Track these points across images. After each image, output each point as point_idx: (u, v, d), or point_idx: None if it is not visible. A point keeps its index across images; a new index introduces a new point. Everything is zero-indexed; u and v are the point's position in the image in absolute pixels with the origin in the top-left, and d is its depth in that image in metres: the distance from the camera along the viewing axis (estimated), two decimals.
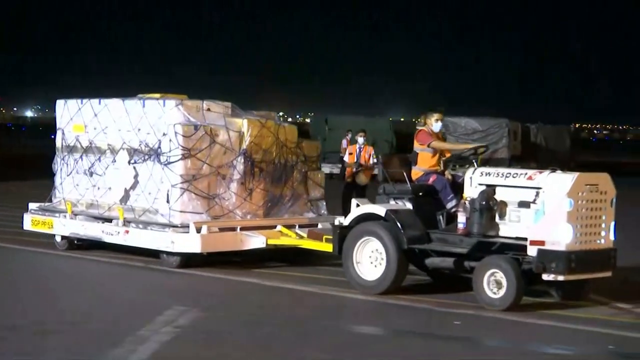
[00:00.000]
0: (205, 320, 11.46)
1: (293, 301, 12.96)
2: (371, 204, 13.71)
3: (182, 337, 10.42)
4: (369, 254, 13.46)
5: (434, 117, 14.02)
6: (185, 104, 15.37)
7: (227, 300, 12.92)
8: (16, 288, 13.49)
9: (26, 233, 17.36)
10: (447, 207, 13.37)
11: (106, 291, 13.37)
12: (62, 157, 17.09)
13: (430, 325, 11.67)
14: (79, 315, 11.54)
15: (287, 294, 13.42)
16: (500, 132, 41.48)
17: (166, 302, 12.20)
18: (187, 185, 14.99)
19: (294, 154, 16.07)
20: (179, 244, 14.67)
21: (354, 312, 12.64)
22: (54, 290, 13.44)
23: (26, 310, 11.76)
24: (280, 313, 12.14)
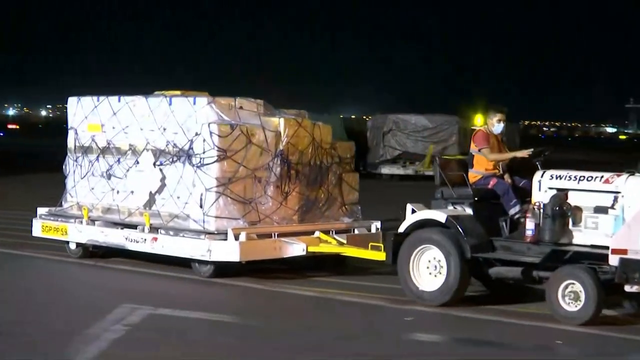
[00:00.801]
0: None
1: (364, 315, 12.08)
2: (429, 210, 12.82)
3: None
4: (426, 263, 12.59)
5: (495, 118, 13.18)
6: (218, 101, 14.37)
7: (278, 313, 11.96)
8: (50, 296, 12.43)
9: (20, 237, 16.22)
10: (510, 213, 12.54)
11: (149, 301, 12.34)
12: (74, 158, 16.00)
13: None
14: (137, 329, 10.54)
15: (343, 306, 12.53)
16: (450, 130, 41.48)
17: (223, 315, 11.29)
18: (223, 189, 13.98)
19: (329, 155, 15.13)
20: (217, 252, 13.67)
21: (412, 323, 11.72)
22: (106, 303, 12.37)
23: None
24: (342, 327, 11.31)
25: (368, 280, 14.17)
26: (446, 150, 40.51)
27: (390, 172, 40.10)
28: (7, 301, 12.31)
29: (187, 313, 11.65)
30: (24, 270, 14.86)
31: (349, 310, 12.28)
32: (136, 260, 15.16)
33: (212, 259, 13.70)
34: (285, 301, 12.81)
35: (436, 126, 41.61)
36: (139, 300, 12.16)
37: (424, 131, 41.34)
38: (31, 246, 16.46)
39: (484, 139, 13.04)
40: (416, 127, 41.39)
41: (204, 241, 13.75)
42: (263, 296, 13.08)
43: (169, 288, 13.67)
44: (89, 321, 10.84)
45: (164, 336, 10.45)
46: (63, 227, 15.62)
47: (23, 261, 15.59)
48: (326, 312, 12.21)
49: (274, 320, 11.59)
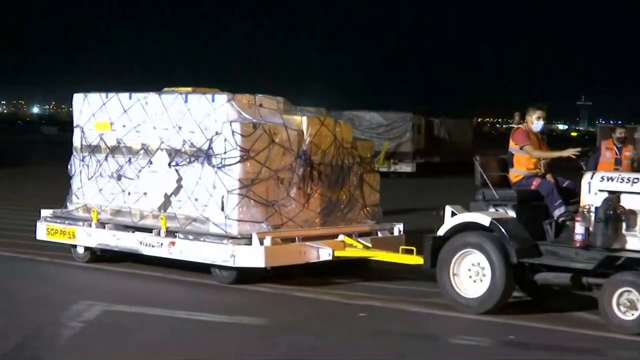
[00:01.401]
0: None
1: (404, 324, 11.46)
2: (470, 212, 12.25)
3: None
4: (467, 268, 12.02)
5: (535, 115, 12.66)
6: (238, 98, 13.69)
7: (323, 322, 11.32)
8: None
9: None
10: (555, 216, 12.00)
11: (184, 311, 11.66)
12: (81, 158, 15.23)
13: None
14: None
15: (383, 313, 11.91)
16: (404, 126, 41.80)
17: (261, 322, 10.69)
18: (246, 191, 13.30)
19: (350, 155, 14.51)
20: (241, 257, 12.98)
21: (455, 330, 11.15)
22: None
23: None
24: (390, 336, 10.69)
25: (401, 285, 13.66)
26: (400, 147, 41.20)
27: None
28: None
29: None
30: (37, 277, 14.06)
31: (394, 318, 11.68)
32: (143, 264, 14.45)
33: (236, 264, 13.02)
34: (328, 309, 12.19)
35: (390, 123, 41.89)
36: (174, 306, 11.51)
37: (378, 128, 41.59)
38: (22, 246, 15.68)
39: (524, 136, 12.52)
40: (371, 124, 41.59)
41: (227, 246, 13.06)
42: (312, 307, 12.39)
43: (192, 293, 12.99)
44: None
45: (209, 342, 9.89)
46: (70, 230, 14.86)
47: (33, 266, 14.81)
48: (362, 319, 11.58)
49: (317, 328, 10.96)
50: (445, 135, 47.04)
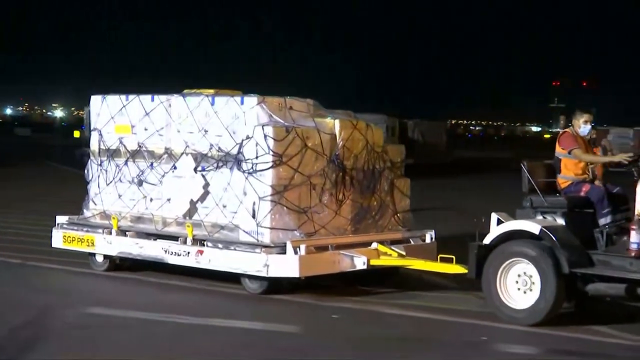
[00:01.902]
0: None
1: (440, 332, 11.01)
2: (519, 220, 11.78)
3: None
4: (514, 278, 11.56)
5: (582, 119, 12.24)
6: (268, 101, 13.16)
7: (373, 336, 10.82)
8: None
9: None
10: (603, 222, 11.55)
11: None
12: (99, 162, 14.65)
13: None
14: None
15: (424, 323, 11.43)
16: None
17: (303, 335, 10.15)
18: (279, 198, 12.77)
19: (382, 160, 14.01)
20: (275, 267, 12.45)
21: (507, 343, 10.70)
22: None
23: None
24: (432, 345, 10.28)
25: (438, 294, 13.18)
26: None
27: None
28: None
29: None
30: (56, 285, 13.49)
31: (436, 329, 11.22)
32: (164, 272, 13.89)
33: (269, 274, 12.48)
34: (364, 319, 11.69)
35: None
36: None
37: None
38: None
39: (572, 140, 12.10)
40: None
41: (260, 255, 12.52)
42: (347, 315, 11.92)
43: (224, 302, 12.45)
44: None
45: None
46: (89, 237, 14.28)
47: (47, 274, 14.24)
48: (413, 330, 11.10)
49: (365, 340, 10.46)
50: (419, 137, 47.19)
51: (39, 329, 10.63)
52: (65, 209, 16.34)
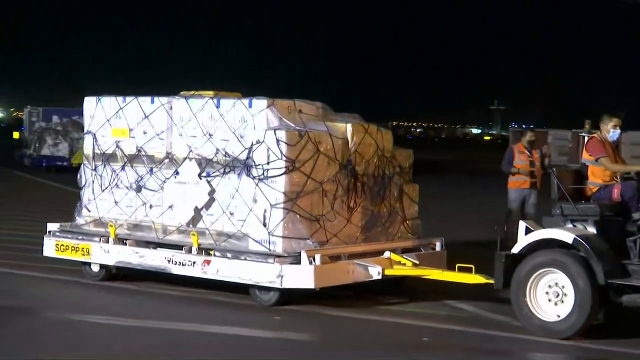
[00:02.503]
0: None
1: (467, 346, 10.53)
2: (551, 229, 11.33)
3: None
4: (545, 289, 11.12)
5: (611, 124, 11.84)
6: (279, 104, 12.60)
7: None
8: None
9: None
10: (635, 218, 11.15)
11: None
12: (93, 167, 13.97)
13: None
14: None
15: (446, 335, 10.97)
16: None
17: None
18: (292, 205, 12.21)
19: (391, 165, 13.52)
20: (290, 278, 11.88)
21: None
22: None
23: None
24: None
25: (456, 304, 12.73)
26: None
27: None
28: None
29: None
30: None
31: (459, 341, 10.78)
32: (162, 283, 13.27)
33: (283, 286, 11.91)
34: (381, 330, 11.21)
35: None
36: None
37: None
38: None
39: (600, 147, 11.69)
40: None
41: (273, 266, 11.95)
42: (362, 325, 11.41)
43: (234, 313, 11.86)
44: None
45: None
46: (85, 246, 13.59)
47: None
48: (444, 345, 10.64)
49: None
50: None
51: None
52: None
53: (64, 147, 39.72)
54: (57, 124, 40.87)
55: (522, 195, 16.79)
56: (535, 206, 16.78)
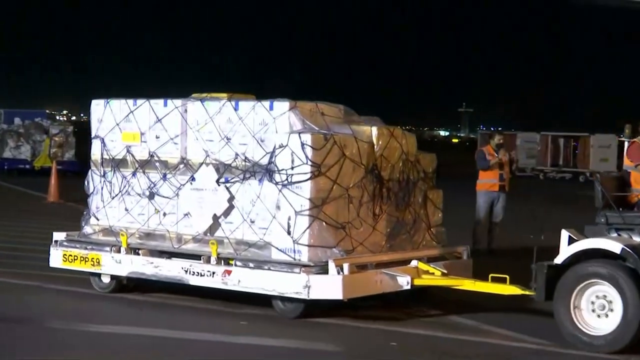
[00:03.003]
0: None
1: None
2: (597, 238, 10.79)
3: None
4: (590, 301, 10.60)
5: None
6: (301, 106, 12.03)
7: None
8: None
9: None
10: None
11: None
12: (101, 173, 13.32)
13: None
14: None
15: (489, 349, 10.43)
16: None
17: None
18: (317, 212, 11.63)
19: (415, 169, 12.98)
20: (317, 288, 11.31)
21: None
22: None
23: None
24: None
25: (493, 316, 12.17)
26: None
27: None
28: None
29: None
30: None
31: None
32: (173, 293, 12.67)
33: (310, 296, 11.33)
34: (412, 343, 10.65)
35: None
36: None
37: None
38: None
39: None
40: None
41: (300, 276, 11.36)
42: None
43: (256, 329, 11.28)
44: None
45: None
46: (95, 256, 12.93)
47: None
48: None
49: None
50: None
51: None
52: None
53: (25, 150, 38.90)
54: (18, 126, 40.01)
55: (491, 198, 16.91)
56: (504, 209, 16.74)
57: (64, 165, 34.99)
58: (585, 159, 49.43)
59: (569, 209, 28.83)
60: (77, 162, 37.71)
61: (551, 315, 10.82)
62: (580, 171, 49.26)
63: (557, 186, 44.28)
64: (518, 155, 43.57)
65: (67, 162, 37.10)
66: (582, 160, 49.69)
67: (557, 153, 50.76)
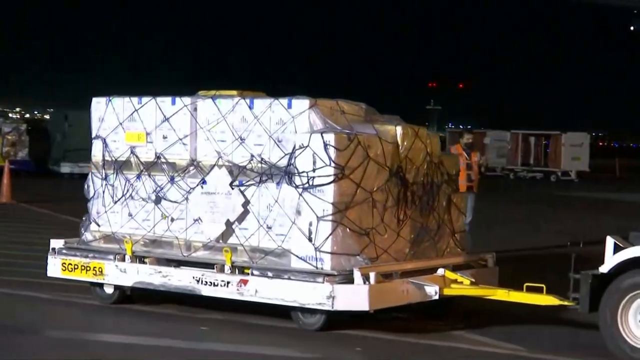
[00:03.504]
0: None
1: None
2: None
3: None
4: (638, 313, 9.87)
5: None
6: (321, 104, 11.24)
7: None
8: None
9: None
10: None
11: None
12: (103, 176, 12.47)
13: None
14: None
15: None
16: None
17: None
18: (341, 217, 10.84)
19: (439, 172, 12.21)
20: (342, 299, 10.51)
21: None
22: None
23: None
24: None
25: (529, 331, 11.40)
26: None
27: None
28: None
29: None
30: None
31: None
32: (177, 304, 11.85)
33: (335, 307, 10.53)
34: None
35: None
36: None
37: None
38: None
39: None
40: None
41: (323, 285, 10.57)
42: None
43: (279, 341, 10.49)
44: None
45: None
46: (97, 265, 12.08)
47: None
48: None
49: None
50: None
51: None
52: None
53: None
54: None
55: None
56: (474, 210, 16.14)
57: (17, 164, 34.17)
58: (556, 157, 48.86)
59: (551, 210, 28.33)
60: (30, 161, 36.94)
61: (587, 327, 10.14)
62: (552, 170, 48.72)
63: (529, 186, 43.78)
64: (488, 154, 43.04)
65: (21, 162, 36.27)
66: (554, 159, 49.11)
67: (528, 152, 50.01)
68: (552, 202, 30.75)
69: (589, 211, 28.86)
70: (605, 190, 38.29)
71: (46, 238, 13.08)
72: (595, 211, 28.91)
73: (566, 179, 47.06)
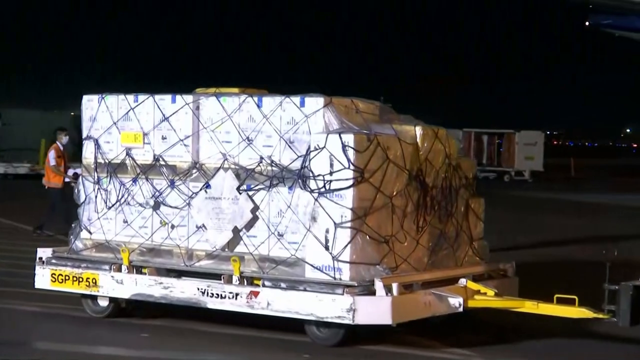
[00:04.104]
0: None
1: None
2: None
3: None
4: None
5: None
6: (337, 102, 10.45)
7: None
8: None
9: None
10: None
11: None
12: (95, 180, 11.57)
13: None
14: None
15: None
16: None
17: None
18: (360, 224, 10.05)
19: (457, 175, 11.47)
20: (363, 312, 9.71)
21: None
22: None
23: None
24: None
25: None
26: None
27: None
28: None
29: None
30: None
31: None
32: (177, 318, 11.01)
33: (356, 321, 9.72)
34: None
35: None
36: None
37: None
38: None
39: None
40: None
41: (343, 297, 9.76)
42: None
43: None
44: None
45: None
46: (90, 276, 11.18)
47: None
48: None
49: None
50: None
51: None
52: None
53: None
54: None
55: None
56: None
57: None
58: (510, 157, 48.40)
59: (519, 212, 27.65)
60: None
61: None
62: (505, 170, 48.21)
63: (484, 186, 43.02)
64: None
65: None
66: (507, 159, 48.63)
67: (481, 151, 49.39)
68: (503, 203, 29.82)
69: (536, 211, 27.98)
70: (560, 190, 37.06)
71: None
72: (543, 212, 28.05)
73: (520, 179, 46.49)
